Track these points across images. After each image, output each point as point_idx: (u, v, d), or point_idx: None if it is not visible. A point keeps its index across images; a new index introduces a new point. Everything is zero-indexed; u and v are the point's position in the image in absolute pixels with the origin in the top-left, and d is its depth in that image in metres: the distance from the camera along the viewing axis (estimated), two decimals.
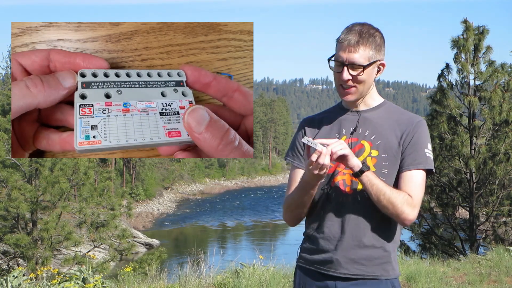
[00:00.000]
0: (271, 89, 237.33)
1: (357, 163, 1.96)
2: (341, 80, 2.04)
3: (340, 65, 2.02)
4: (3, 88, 31.56)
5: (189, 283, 5.73)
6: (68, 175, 16.02)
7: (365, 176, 1.96)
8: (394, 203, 1.96)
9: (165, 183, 57.96)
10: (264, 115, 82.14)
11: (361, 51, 2.00)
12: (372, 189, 1.96)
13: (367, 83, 2.06)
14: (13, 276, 5.94)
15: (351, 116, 2.13)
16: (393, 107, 2.16)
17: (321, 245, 2.08)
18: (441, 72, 13.28)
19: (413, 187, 2.02)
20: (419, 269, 6.57)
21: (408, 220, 2.00)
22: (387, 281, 2.05)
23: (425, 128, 2.09)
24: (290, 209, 2.14)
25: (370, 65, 2.02)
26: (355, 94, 2.07)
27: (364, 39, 2.01)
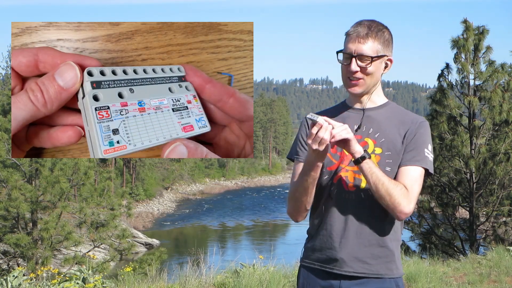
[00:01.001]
0: (271, 89, 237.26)
1: (359, 149, 1.96)
2: (349, 72, 2.05)
3: (349, 57, 2.04)
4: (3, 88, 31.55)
5: (189, 283, 5.73)
6: (68, 175, 16.01)
7: (365, 163, 1.96)
8: (392, 194, 1.95)
9: (165, 183, 57.94)
10: (264, 115, 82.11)
11: (369, 43, 2.03)
12: (371, 177, 1.96)
13: (375, 76, 2.07)
14: (13, 276, 5.93)
15: (355, 114, 2.14)
16: (397, 107, 2.17)
17: (325, 243, 2.08)
18: (441, 72, 13.27)
19: (409, 181, 2.01)
20: (419, 269, 6.57)
21: (404, 214, 1.98)
22: (391, 280, 2.06)
23: (428, 129, 2.10)
24: (294, 198, 2.11)
25: (378, 58, 2.04)
26: (362, 87, 2.07)
27: (373, 32, 2.04)
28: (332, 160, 2.10)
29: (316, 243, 2.11)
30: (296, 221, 2.18)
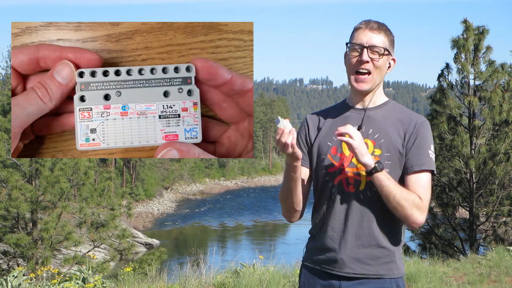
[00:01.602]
0: (271, 89, 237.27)
1: (369, 162, 1.96)
2: (357, 64, 2.05)
3: (359, 48, 2.05)
4: (3, 88, 31.55)
5: (189, 283, 5.74)
6: (68, 175, 16.02)
7: (375, 177, 1.96)
8: (404, 205, 1.97)
9: (165, 183, 57.97)
10: (264, 115, 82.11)
11: (382, 37, 2.06)
12: (382, 190, 1.97)
13: (381, 72, 2.08)
14: (13, 276, 5.94)
15: (355, 114, 2.13)
16: (397, 106, 2.17)
17: (326, 244, 2.09)
18: (441, 72, 13.28)
19: (422, 190, 2.02)
20: (419, 269, 6.57)
21: (416, 224, 2.00)
22: (392, 280, 2.06)
23: (429, 129, 2.10)
24: (282, 200, 2.16)
25: (388, 53, 2.07)
26: (369, 83, 2.07)
27: (383, 28, 2.08)
28: (333, 162, 2.10)
29: (317, 243, 2.12)
30: (290, 221, 2.21)
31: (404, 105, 2.35)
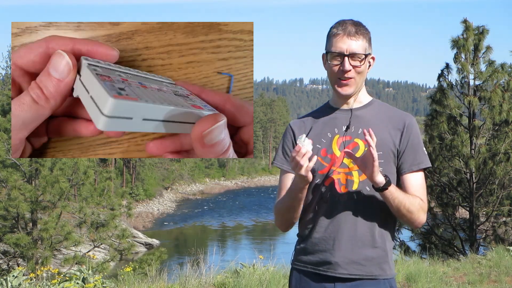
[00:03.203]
0: (271, 89, 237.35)
1: (380, 180, 1.94)
2: (340, 73, 2.03)
3: (339, 56, 2.01)
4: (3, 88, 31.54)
5: (189, 283, 5.74)
6: (68, 175, 16.02)
7: (387, 193, 1.96)
8: (412, 211, 2.00)
9: (165, 183, 57.96)
10: (264, 115, 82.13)
11: (360, 41, 2.02)
12: (393, 203, 1.98)
13: (363, 75, 2.07)
14: (13, 276, 5.94)
15: (342, 115, 2.12)
16: (382, 104, 2.17)
17: (318, 246, 2.06)
18: (441, 72, 13.27)
19: (422, 191, 2.06)
20: (419, 269, 6.58)
21: (421, 225, 2.06)
22: (385, 281, 2.05)
23: (416, 126, 2.11)
24: (281, 214, 2.12)
25: (367, 57, 2.05)
26: (353, 86, 2.06)
27: (361, 30, 2.04)
28: (323, 163, 2.07)
29: (308, 245, 2.09)
30: (284, 231, 2.20)
31: (404, 105, 2.37)
